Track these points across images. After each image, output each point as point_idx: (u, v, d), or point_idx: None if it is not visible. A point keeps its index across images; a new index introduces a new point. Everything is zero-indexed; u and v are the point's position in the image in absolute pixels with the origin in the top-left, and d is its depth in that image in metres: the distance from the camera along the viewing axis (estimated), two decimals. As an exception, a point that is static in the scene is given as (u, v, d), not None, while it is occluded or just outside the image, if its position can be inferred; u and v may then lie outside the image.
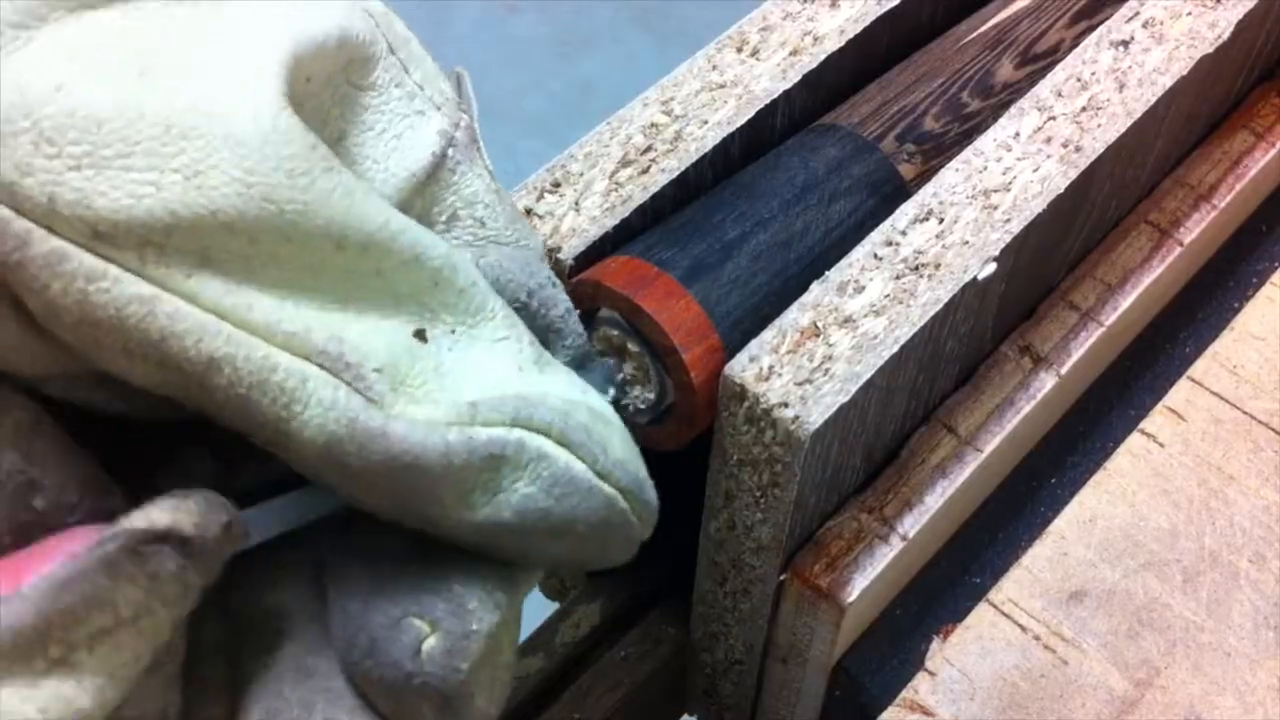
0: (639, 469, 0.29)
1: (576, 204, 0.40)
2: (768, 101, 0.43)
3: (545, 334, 0.31)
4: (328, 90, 0.28)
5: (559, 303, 0.32)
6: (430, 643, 0.27)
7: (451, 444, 0.26)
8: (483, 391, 0.27)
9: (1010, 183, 0.42)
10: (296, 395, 0.25)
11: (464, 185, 0.30)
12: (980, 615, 0.43)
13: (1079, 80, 0.45)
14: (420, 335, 0.27)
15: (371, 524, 0.28)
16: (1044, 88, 0.45)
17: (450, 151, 0.30)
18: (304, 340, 0.25)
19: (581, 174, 0.41)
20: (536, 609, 0.51)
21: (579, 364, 0.32)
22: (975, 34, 0.47)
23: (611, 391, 0.34)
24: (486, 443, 0.26)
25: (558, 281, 0.32)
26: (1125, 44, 0.46)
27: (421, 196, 0.30)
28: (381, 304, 0.27)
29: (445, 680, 0.27)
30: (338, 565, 0.29)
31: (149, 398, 0.26)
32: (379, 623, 0.27)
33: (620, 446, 0.29)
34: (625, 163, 0.41)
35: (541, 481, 0.27)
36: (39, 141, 0.23)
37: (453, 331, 0.28)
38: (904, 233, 0.40)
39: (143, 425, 0.28)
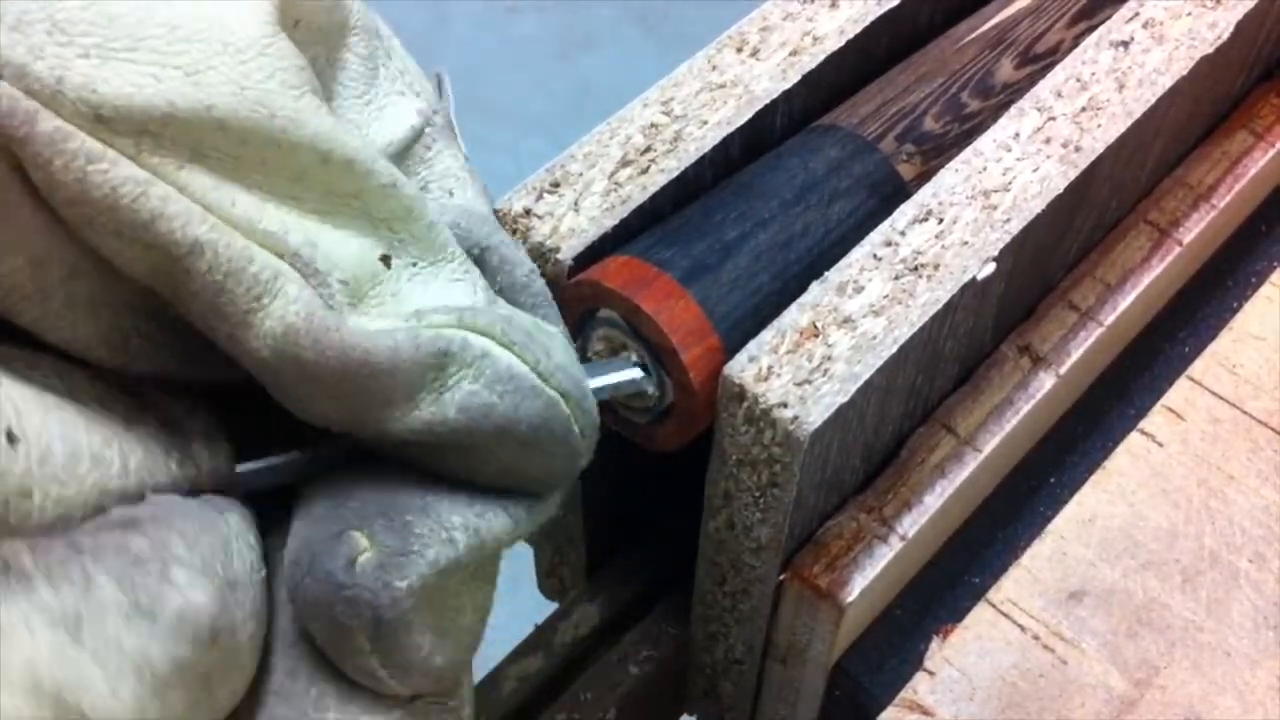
0: (581, 377, 0.30)
1: (576, 204, 0.40)
2: (767, 102, 0.43)
3: (511, 293, 0.32)
4: (318, 45, 0.30)
5: (521, 263, 0.33)
6: (366, 556, 0.28)
7: (399, 340, 0.27)
8: (434, 302, 0.29)
9: (1010, 183, 0.42)
10: (268, 288, 0.26)
11: (438, 161, 0.33)
12: (979, 615, 0.43)
13: (1079, 80, 0.45)
14: (385, 261, 0.29)
15: (344, 469, 0.29)
16: (1044, 88, 0.45)
17: (428, 130, 0.32)
18: (280, 240, 0.27)
19: (581, 174, 0.41)
20: (536, 609, 0.51)
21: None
22: (975, 34, 0.48)
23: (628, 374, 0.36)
24: (432, 338, 0.28)
25: (519, 245, 0.33)
26: (1125, 44, 0.46)
27: (398, 166, 0.31)
28: (357, 222, 0.28)
29: (376, 595, 0.27)
30: (305, 499, 0.30)
31: (136, 340, 0.28)
32: (321, 538, 0.28)
33: (562, 353, 0.30)
34: (625, 163, 0.41)
35: (485, 379, 0.28)
36: (52, 30, 0.24)
37: (414, 264, 0.29)
38: (903, 233, 0.40)
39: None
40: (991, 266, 0.40)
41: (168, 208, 0.25)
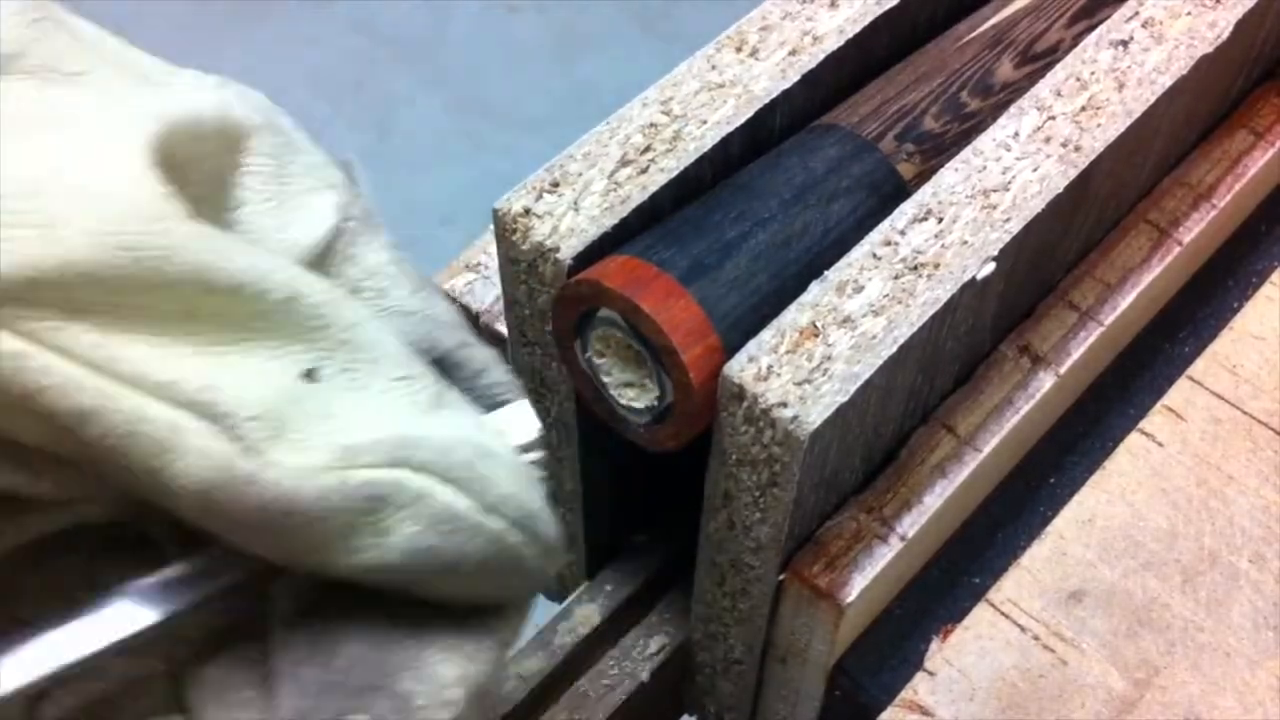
0: (528, 502, 0.29)
1: (575, 204, 0.40)
2: (767, 101, 0.43)
3: (470, 394, 0.31)
4: (209, 165, 0.28)
5: (472, 361, 0.31)
6: None
7: (326, 488, 0.26)
8: (366, 434, 0.27)
9: (1009, 182, 0.42)
10: (168, 444, 0.24)
11: (365, 256, 0.30)
12: (979, 615, 0.43)
13: (1078, 80, 0.45)
14: (310, 375, 0.27)
15: (326, 604, 0.28)
16: (1043, 87, 0.45)
17: (348, 224, 0.30)
18: (175, 390, 0.25)
19: (580, 174, 0.41)
20: (537, 609, 0.51)
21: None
22: (975, 33, 0.47)
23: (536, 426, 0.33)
24: (363, 484, 0.26)
25: (471, 340, 0.32)
26: (1125, 43, 0.46)
27: (321, 267, 0.30)
28: (266, 345, 0.26)
29: None
30: (286, 646, 0.28)
31: (57, 478, 0.26)
32: None
33: (507, 481, 0.28)
34: (624, 162, 0.41)
35: (425, 519, 0.27)
36: None
37: (345, 370, 0.27)
38: (903, 232, 0.40)
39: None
40: (991, 266, 0.40)
41: (47, 379, 0.24)
